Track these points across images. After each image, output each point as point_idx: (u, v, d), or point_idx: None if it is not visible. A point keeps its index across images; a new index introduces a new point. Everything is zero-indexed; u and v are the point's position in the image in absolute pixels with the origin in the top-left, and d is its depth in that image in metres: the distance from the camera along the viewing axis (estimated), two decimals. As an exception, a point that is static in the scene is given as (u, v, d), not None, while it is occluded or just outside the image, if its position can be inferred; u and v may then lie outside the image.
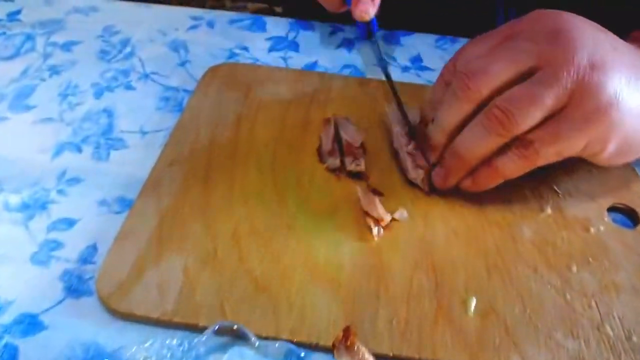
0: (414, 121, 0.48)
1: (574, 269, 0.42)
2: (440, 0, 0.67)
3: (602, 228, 0.45)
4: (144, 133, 0.53)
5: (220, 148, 0.50)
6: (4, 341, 0.38)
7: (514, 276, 0.41)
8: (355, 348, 0.34)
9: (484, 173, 0.43)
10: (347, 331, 0.34)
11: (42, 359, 0.37)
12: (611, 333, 0.38)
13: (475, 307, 0.39)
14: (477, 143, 0.42)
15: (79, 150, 0.51)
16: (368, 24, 0.54)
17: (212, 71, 0.58)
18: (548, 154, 0.41)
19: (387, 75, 0.53)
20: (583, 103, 0.39)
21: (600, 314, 0.39)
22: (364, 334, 0.37)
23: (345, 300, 0.39)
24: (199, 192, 0.46)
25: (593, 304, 0.40)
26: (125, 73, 0.59)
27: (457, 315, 0.39)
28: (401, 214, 0.45)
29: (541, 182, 0.48)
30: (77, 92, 0.57)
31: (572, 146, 0.41)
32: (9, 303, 0.40)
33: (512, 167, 0.42)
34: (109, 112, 0.55)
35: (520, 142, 0.41)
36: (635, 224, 0.45)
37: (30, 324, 0.39)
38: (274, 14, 0.72)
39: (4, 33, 0.64)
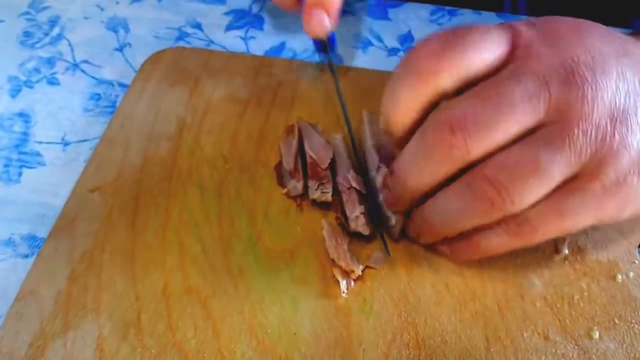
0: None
1: (596, 335, 0.33)
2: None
3: (632, 274, 0.35)
4: (65, 144, 0.43)
5: (155, 168, 0.40)
6: None
7: (519, 348, 0.32)
8: None
9: (462, 246, 0.34)
10: None
11: None
12: None
13: (470, 394, 0.30)
14: (454, 218, 0.31)
15: (-14, 169, 0.42)
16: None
17: (153, 60, 0.47)
18: (549, 233, 0.30)
19: (342, 103, 0.40)
20: (600, 172, 0.28)
21: (629, 401, 0.30)
22: None
23: (299, 389, 0.31)
24: (124, 231, 0.37)
25: (620, 386, 0.31)
26: (50, 62, 0.49)
27: (445, 406, 0.30)
28: (376, 259, 0.35)
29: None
30: (-10, 89, 0.47)
31: (580, 223, 0.30)
32: None
33: (500, 245, 0.32)
34: (25, 117, 0.45)
35: (512, 218, 0.30)
36: (674, 269, 0.36)
37: None
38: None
39: None
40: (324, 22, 0.40)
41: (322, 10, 0.40)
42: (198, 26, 0.52)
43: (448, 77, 0.29)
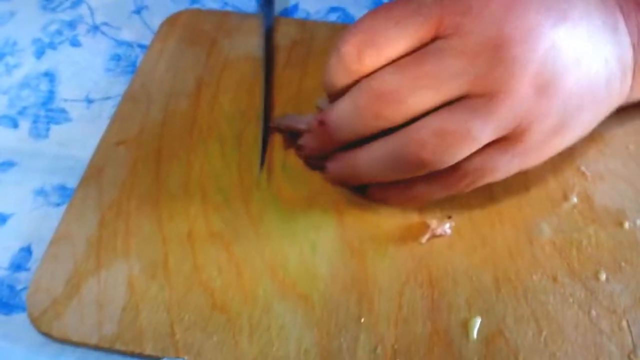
0: None
1: (603, 277, 0.34)
2: None
3: (638, 222, 0.36)
4: (89, 102, 0.45)
5: (176, 123, 0.41)
6: None
7: (528, 289, 0.34)
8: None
9: (394, 194, 0.35)
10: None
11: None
12: (647, 363, 0.31)
13: (480, 329, 0.32)
14: (383, 171, 0.33)
15: (15, 125, 0.43)
16: None
17: (170, 21, 0.48)
18: (478, 184, 0.32)
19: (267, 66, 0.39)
20: (525, 136, 0.30)
21: (632, 337, 0.32)
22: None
23: (320, 322, 0.32)
24: (149, 181, 0.38)
25: (624, 324, 0.32)
26: (72, 25, 0.50)
27: (457, 340, 0.32)
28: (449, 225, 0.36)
29: (565, 160, 0.39)
30: (15, 50, 0.48)
31: (506, 174, 0.32)
32: None
33: (431, 193, 0.34)
34: (50, 76, 0.46)
35: (449, 171, 0.32)
36: (680, 216, 0.37)
37: (-49, 349, 0.33)
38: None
39: None
40: None
41: None
42: (215, -10, 0.53)
43: (371, 64, 0.31)
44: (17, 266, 0.36)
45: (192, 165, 0.39)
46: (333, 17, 0.50)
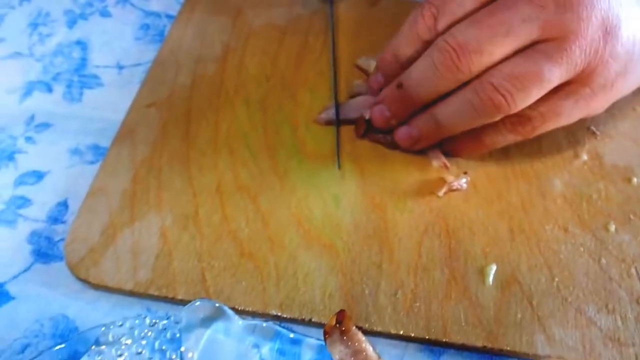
0: None
1: (612, 228, 0.36)
2: None
3: (649, 177, 0.38)
4: (120, 68, 0.46)
5: (204, 87, 0.43)
6: (-21, 316, 0.35)
7: (541, 238, 0.35)
8: (351, 335, 0.29)
9: (466, 143, 0.37)
10: (341, 315, 0.29)
11: (8, 336, 0.34)
12: (654, 307, 0.33)
13: (495, 276, 0.34)
14: (465, 120, 0.35)
15: (50, 90, 0.45)
16: None
17: (196, -7, 0.50)
18: (545, 129, 0.35)
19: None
20: (592, 79, 0.33)
21: (641, 285, 0.33)
22: (364, 309, 0.33)
23: (343, 269, 0.34)
24: (179, 140, 0.40)
25: (633, 271, 0.34)
26: (101, -2, 0.52)
27: (473, 285, 0.34)
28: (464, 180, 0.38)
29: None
30: (48, 21, 0.50)
31: (572, 119, 0.35)
32: (-28, 271, 0.36)
33: (502, 141, 0.36)
34: (82, 45, 0.48)
35: (516, 118, 0.34)
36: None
37: (-4, 294, 0.35)
38: None
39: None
40: None
41: None
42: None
43: (444, 26, 0.34)
44: (55, 219, 0.38)
45: (219, 125, 0.41)
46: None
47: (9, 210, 0.39)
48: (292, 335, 0.32)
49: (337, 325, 0.29)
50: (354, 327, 0.29)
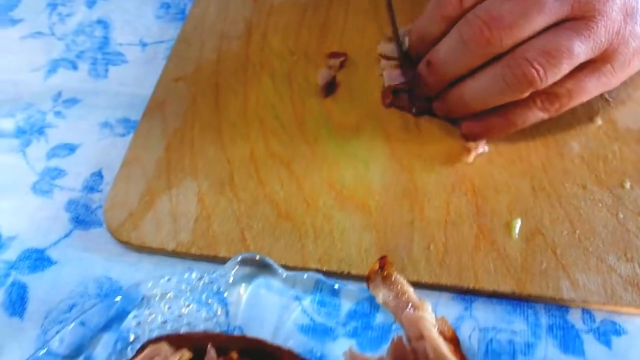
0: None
1: (628, 185, 0.38)
2: None
3: (659, 138, 0.40)
4: (144, 45, 0.48)
5: (229, 62, 0.45)
6: (10, 279, 0.36)
7: (561, 195, 0.37)
8: (393, 279, 0.30)
9: (496, 122, 0.38)
10: (383, 261, 0.31)
11: (53, 297, 0.35)
12: (669, 255, 0.35)
13: (520, 229, 0.36)
14: (493, 96, 0.37)
15: (75, 67, 0.46)
16: None
17: (217, -28, 0.51)
18: (570, 105, 0.37)
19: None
20: (613, 57, 0.35)
21: (657, 235, 0.36)
22: (399, 262, 0.34)
23: (377, 226, 0.36)
24: (209, 112, 0.42)
25: (650, 225, 0.36)
26: (120, -22, 0.53)
27: (500, 238, 0.35)
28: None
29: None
30: (66, 1, 0.51)
31: (594, 94, 0.37)
32: (12, 238, 0.37)
33: (531, 118, 0.37)
34: (104, 24, 0.49)
35: (545, 95, 0.36)
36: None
37: (38, 259, 0.36)
38: None
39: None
40: None
41: None
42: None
43: (469, 4, 0.36)
44: (90, 188, 0.40)
45: (248, 97, 0.42)
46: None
47: (44, 181, 0.40)
48: (336, 287, 0.33)
49: (380, 270, 0.31)
50: (395, 272, 0.31)
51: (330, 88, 0.43)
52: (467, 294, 0.34)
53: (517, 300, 0.34)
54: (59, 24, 0.49)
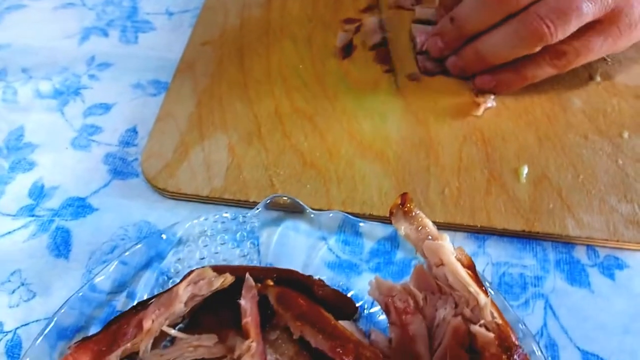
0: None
1: (626, 135, 0.41)
2: None
3: (655, 94, 0.43)
4: (170, 14, 0.51)
5: (252, 27, 0.48)
6: (55, 224, 0.38)
7: (565, 144, 0.40)
8: (413, 213, 0.33)
9: (508, 76, 0.42)
10: (404, 197, 0.34)
11: (96, 240, 0.37)
12: (665, 196, 0.38)
13: (528, 174, 0.39)
14: (507, 50, 0.40)
15: (106, 34, 0.49)
16: None
17: (235, -53, 0.54)
18: (577, 63, 0.40)
19: None
20: (619, 19, 0.38)
21: (654, 178, 0.39)
22: (417, 204, 0.37)
23: (395, 172, 0.39)
24: (235, 72, 0.45)
25: (647, 169, 0.39)
26: (142, -49, 0.56)
27: (510, 183, 0.38)
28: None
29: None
30: (94, -26, 0.54)
31: (601, 54, 0.40)
32: (55, 188, 0.40)
33: (540, 74, 0.41)
34: (131, -5, 0.52)
35: (554, 52, 0.39)
36: (689, 89, 0.44)
37: (80, 206, 0.39)
38: None
39: None
40: None
41: None
42: None
43: None
44: (126, 143, 0.42)
45: (270, 59, 0.45)
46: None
47: (82, 137, 0.43)
48: (361, 225, 0.36)
49: (401, 206, 0.34)
50: (415, 207, 0.34)
51: (347, 50, 0.46)
52: (480, 232, 0.37)
53: (526, 238, 0.37)
54: (88, -5, 0.52)
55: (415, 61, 0.45)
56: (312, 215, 0.37)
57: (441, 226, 0.37)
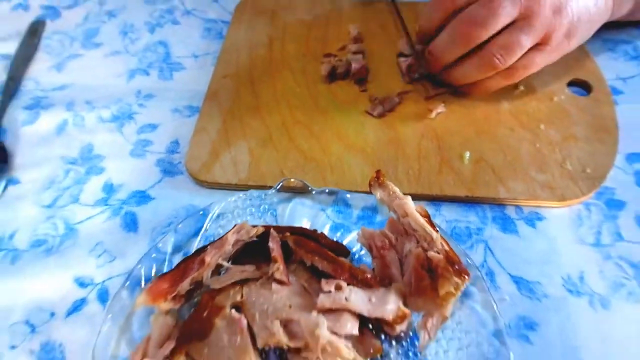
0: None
1: (542, 127, 0.55)
2: None
3: (563, 97, 0.58)
4: (196, 57, 0.65)
5: (259, 63, 0.63)
6: (124, 210, 0.52)
7: (496, 135, 0.55)
8: (385, 184, 0.47)
9: (476, 88, 0.56)
10: (378, 172, 0.48)
11: (156, 219, 0.51)
12: (570, 168, 0.52)
13: (469, 158, 0.53)
14: (472, 75, 0.54)
15: (147, 74, 0.64)
16: None
17: (242, 4, 0.70)
18: (526, 75, 0.54)
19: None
20: (550, 40, 0.52)
21: (562, 156, 0.53)
22: (390, 181, 0.51)
23: (372, 161, 0.53)
24: (249, 97, 0.59)
25: (557, 150, 0.53)
26: (170, 11, 0.71)
27: (456, 164, 0.52)
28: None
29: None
30: (133, 30, 0.69)
31: (541, 66, 0.54)
32: (121, 185, 0.54)
33: (501, 84, 0.55)
34: (163, 44, 0.67)
35: (507, 69, 0.53)
36: (588, 92, 0.59)
37: (141, 197, 0.53)
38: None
39: (59, -13, 0.76)
40: None
41: None
42: (265, -17, 0.74)
43: (461, 3, 0.53)
44: (172, 151, 0.56)
45: (275, 86, 0.60)
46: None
47: (137, 148, 0.57)
48: (348, 196, 0.50)
49: (377, 179, 0.48)
50: (387, 180, 0.48)
51: (331, 76, 0.60)
52: (436, 200, 0.51)
53: (469, 202, 0.51)
54: (131, 45, 0.67)
55: (406, 75, 0.60)
56: (313, 193, 0.50)
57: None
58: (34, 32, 0.70)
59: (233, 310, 0.39)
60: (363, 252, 0.47)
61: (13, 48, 0.67)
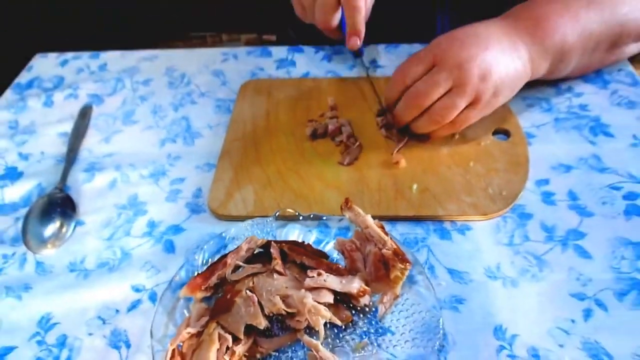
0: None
1: (472, 164, 0.74)
2: (387, 16, 0.97)
3: (488, 142, 0.77)
4: (210, 127, 0.86)
5: (260, 130, 0.83)
6: (164, 239, 0.70)
7: (437, 171, 0.74)
8: (353, 208, 0.66)
9: (432, 134, 0.77)
10: (347, 200, 0.66)
11: (188, 244, 0.69)
12: (491, 192, 0.70)
13: (417, 188, 0.72)
14: (425, 129, 0.74)
15: (174, 141, 0.84)
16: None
17: (244, 86, 0.91)
18: (465, 126, 0.74)
19: (369, 77, 0.88)
20: (480, 100, 0.70)
21: (485, 184, 0.72)
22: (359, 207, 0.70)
23: (345, 194, 0.72)
24: (253, 153, 0.79)
25: (482, 180, 0.72)
26: (189, 94, 0.92)
27: (407, 193, 0.71)
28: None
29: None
30: (161, 109, 0.90)
31: (476, 119, 0.74)
32: (161, 221, 0.72)
33: (446, 132, 0.75)
34: (186, 119, 0.88)
35: (450, 123, 0.73)
36: (507, 137, 0.78)
37: (176, 229, 0.71)
38: (273, 43, 1.06)
39: (101, 79, 0.97)
40: (357, 42, 0.86)
41: (356, 36, 0.86)
42: (261, 69, 0.96)
43: (410, 82, 0.74)
44: (196, 196, 0.75)
45: (272, 145, 0.80)
46: (330, 75, 0.93)
47: (171, 195, 0.76)
48: (324, 218, 0.69)
49: (346, 204, 0.66)
50: (354, 205, 0.66)
51: (313, 136, 0.80)
52: (392, 219, 0.69)
53: (416, 220, 0.69)
54: (160, 121, 0.88)
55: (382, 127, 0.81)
56: (301, 219, 0.69)
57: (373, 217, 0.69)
58: (84, 114, 0.90)
59: (248, 292, 0.57)
60: (337, 256, 0.65)
61: (69, 127, 0.88)
